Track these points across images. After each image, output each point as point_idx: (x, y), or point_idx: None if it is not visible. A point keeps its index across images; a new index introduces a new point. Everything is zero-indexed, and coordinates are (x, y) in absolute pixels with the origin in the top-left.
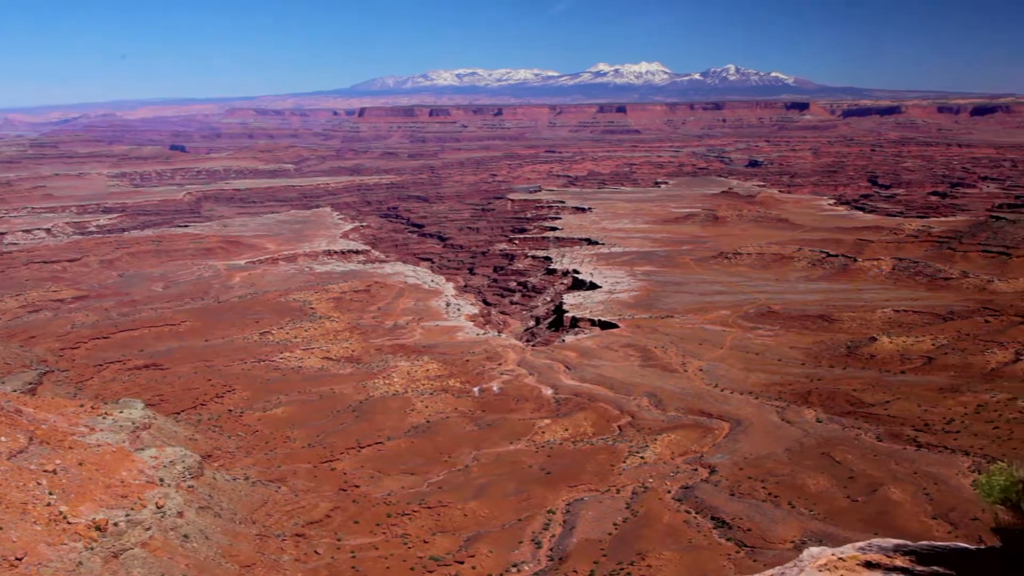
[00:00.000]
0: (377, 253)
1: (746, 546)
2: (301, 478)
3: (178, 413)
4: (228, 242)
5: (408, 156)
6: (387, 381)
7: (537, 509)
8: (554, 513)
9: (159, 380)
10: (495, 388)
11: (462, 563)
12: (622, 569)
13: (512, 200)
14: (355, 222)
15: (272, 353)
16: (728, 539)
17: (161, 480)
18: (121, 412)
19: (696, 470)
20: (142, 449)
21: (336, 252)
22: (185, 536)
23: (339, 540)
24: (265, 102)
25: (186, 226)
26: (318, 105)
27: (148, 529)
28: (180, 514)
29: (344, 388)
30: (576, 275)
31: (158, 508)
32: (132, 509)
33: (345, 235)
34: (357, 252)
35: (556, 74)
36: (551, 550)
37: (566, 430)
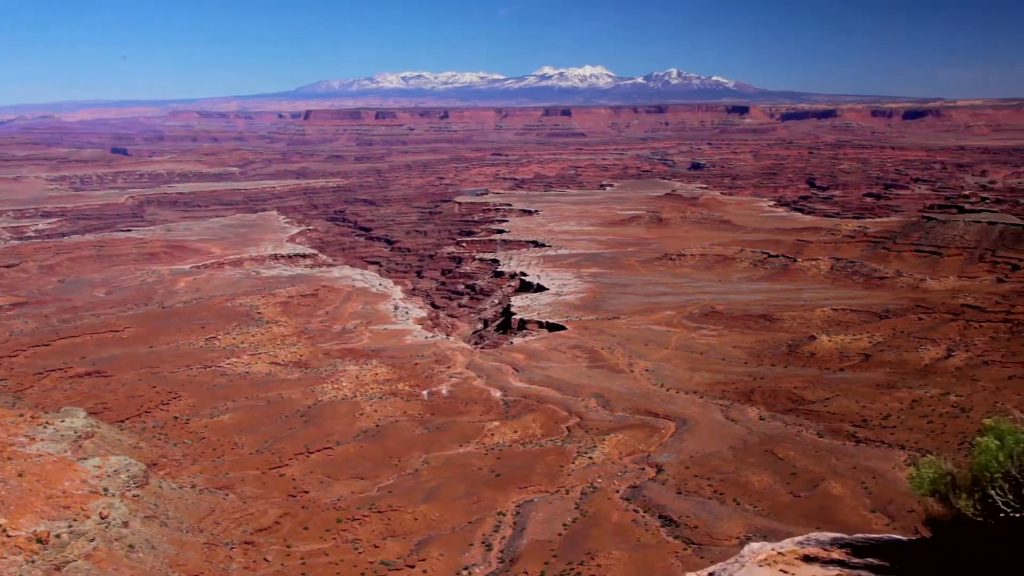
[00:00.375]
0: (324, 257)
1: (693, 543)
2: (249, 485)
3: (122, 421)
4: (172, 246)
5: (354, 159)
6: (336, 386)
7: (487, 511)
8: (504, 515)
9: (102, 388)
10: (444, 391)
11: (413, 567)
12: (572, 569)
13: (459, 203)
14: (302, 226)
15: (219, 359)
16: (676, 537)
17: (105, 490)
18: (63, 421)
19: (643, 469)
20: (85, 459)
21: (283, 256)
22: (131, 546)
23: (289, 547)
24: (208, 104)
25: (129, 230)
26: (263, 108)
27: (92, 540)
28: (125, 524)
29: (292, 393)
30: (523, 277)
31: (102, 518)
32: (75, 520)
33: (292, 239)
34: (304, 256)
35: (502, 77)
36: (502, 552)
37: (515, 432)
